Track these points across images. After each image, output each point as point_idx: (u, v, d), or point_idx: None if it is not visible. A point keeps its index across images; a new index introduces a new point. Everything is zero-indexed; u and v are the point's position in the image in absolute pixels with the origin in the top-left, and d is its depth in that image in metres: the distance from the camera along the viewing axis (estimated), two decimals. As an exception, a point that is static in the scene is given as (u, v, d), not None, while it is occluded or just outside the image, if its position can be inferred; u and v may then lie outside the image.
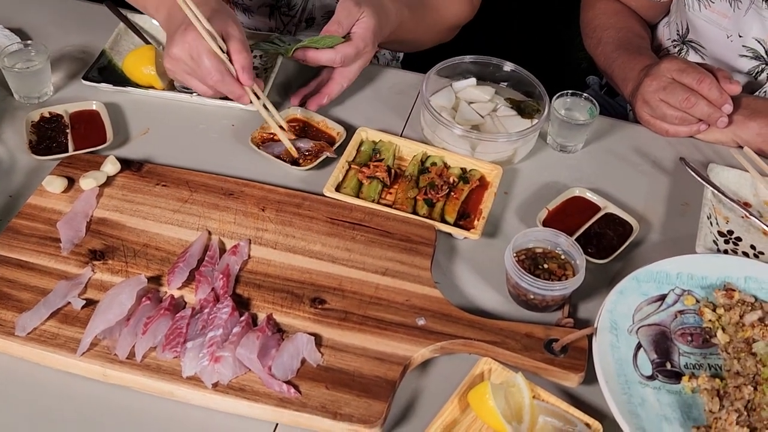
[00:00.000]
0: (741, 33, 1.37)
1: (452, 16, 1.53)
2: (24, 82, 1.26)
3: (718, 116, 1.26)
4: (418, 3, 1.44)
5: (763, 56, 1.37)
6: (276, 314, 0.99)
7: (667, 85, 1.26)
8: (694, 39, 1.46)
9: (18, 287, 0.99)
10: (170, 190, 1.13)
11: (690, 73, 1.25)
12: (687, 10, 1.44)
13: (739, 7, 1.36)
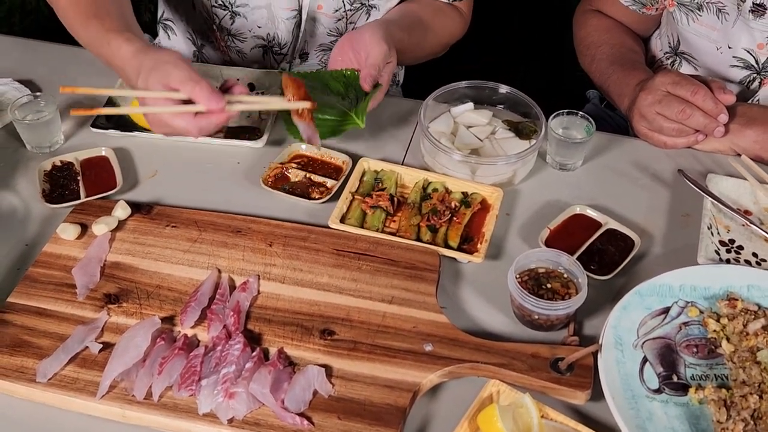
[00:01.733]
0: (730, 44, 1.39)
1: (447, 35, 1.59)
2: (35, 133, 1.30)
3: (715, 126, 1.28)
4: (416, 25, 1.48)
5: (754, 65, 1.39)
6: (287, 348, 1.02)
7: (662, 99, 1.28)
8: (685, 51, 1.48)
9: (37, 334, 1.03)
10: (180, 231, 1.17)
11: (684, 85, 1.27)
12: (677, 24, 1.46)
13: (727, 19, 1.38)
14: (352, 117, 1.28)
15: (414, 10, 1.53)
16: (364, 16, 1.57)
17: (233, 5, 1.55)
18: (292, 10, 1.53)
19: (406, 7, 1.56)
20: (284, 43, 1.59)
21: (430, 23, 1.53)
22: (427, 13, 1.54)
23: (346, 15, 1.55)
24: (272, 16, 1.55)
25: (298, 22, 1.55)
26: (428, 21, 1.52)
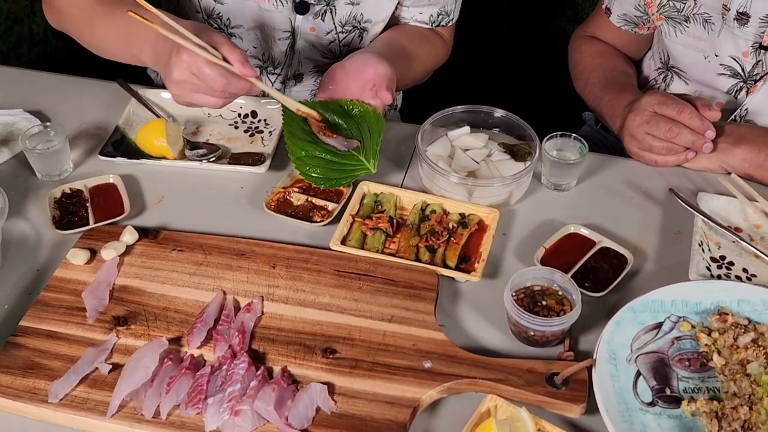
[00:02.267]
0: (717, 53, 1.44)
1: (430, 60, 1.66)
2: (45, 162, 1.34)
3: (702, 142, 1.32)
4: (401, 53, 1.54)
5: (740, 73, 1.44)
6: (290, 366, 1.05)
7: (650, 119, 1.32)
8: (675, 65, 1.54)
9: (49, 356, 1.06)
10: (186, 255, 1.20)
11: (670, 105, 1.31)
12: (665, 38, 1.51)
13: (713, 29, 1.43)
14: (363, 162, 1.31)
15: (398, 38, 1.59)
16: (357, 39, 1.62)
17: (228, 27, 1.60)
18: (285, 31, 1.58)
19: (390, 35, 1.61)
20: (278, 63, 1.63)
21: (414, 50, 1.58)
22: (411, 41, 1.59)
23: (338, 37, 1.60)
24: (266, 37, 1.60)
25: (292, 43, 1.60)
26: (412, 48, 1.58)
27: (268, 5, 1.53)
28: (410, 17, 1.64)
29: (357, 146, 1.31)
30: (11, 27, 2.57)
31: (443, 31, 1.69)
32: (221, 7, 1.57)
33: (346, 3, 1.55)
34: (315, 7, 1.54)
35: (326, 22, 1.57)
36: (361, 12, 1.57)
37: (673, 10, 1.49)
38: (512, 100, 1.69)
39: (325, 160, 1.30)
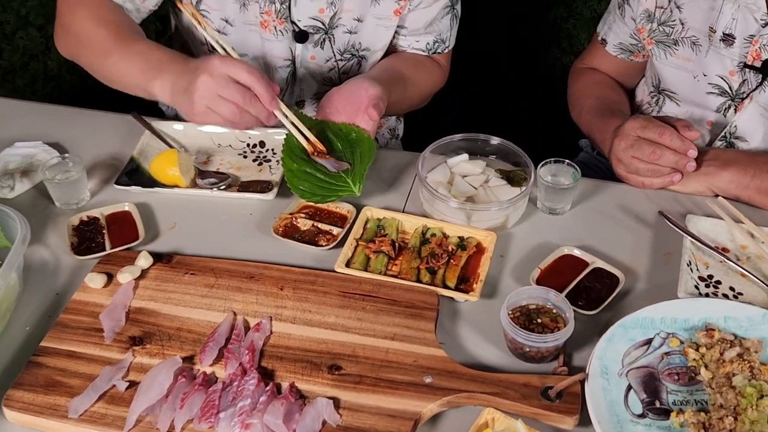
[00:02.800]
0: (705, 72, 1.51)
1: (427, 86, 1.73)
2: (63, 191, 1.41)
3: (685, 161, 1.38)
4: (398, 79, 1.61)
5: (728, 91, 1.50)
6: (298, 382, 1.10)
7: (633, 143, 1.39)
8: (666, 88, 1.61)
9: (69, 375, 1.12)
10: (198, 278, 1.26)
11: (651, 128, 1.38)
12: (656, 61, 1.59)
13: (700, 50, 1.51)
14: (348, 184, 1.38)
15: (395, 65, 1.66)
16: (355, 66, 1.69)
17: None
18: (286, 59, 1.65)
19: (388, 62, 1.69)
20: (280, 89, 1.71)
21: (411, 76, 1.65)
22: (408, 67, 1.67)
23: (337, 65, 1.68)
24: (268, 65, 1.68)
25: (293, 71, 1.67)
26: (409, 74, 1.65)
27: (269, 34, 1.61)
28: (407, 45, 1.72)
29: (347, 168, 1.37)
30: (27, 63, 2.66)
31: (440, 58, 1.76)
32: (225, 37, 1.65)
33: (344, 32, 1.63)
34: (314, 36, 1.62)
35: (325, 50, 1.64)
36: (359, 41, 1.65)
37: (663, 34, 1.56)
38: (512, 128, 1.76)
39: (314, 176, 1.38)
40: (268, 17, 1.59)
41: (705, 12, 1.49)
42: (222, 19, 1.62)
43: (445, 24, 1.71)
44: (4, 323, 1.19)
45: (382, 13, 1.63)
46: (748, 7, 1.43)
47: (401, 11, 1.64)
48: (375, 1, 1.60)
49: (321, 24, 1.61)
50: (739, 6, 1.43)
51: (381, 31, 1.67)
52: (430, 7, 1.65)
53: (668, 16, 1.54)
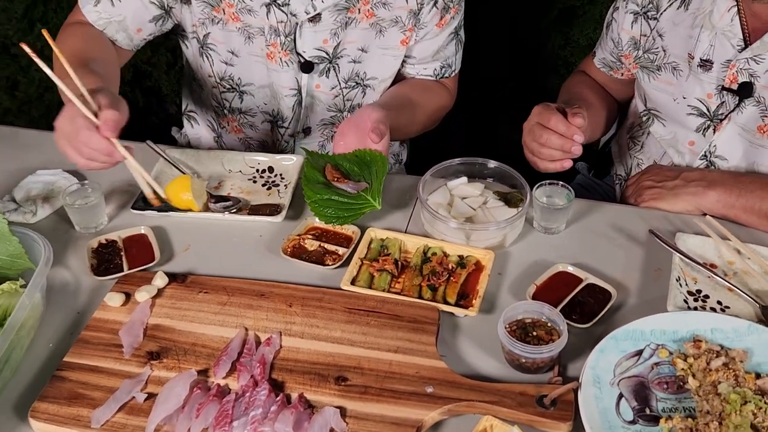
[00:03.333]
0: (685, 95, 1.59)
1: (435, 109, 1.80)
2: (83, 216, 1.48)
3: (570, 145, 1.45)
4: (407, 104, 1.69)
5: (706, 112, 1.58)
6: (306, 393, 1.17)
7: (532, 128, 1.49)
8: (653, 108, 1.69)
9: (90, 388, 1.18)
10: (211, 296, 1.33)
11: (544, 114, 1.48)
12: (642, 83, 1.68)
13: (681, 75, 1.59)
14: (369, 200, 1.45)
15: (404, 91, 1.74)
16: (360, 94, 1.77)
17: (239, 86, 1.76)
18: (292, 89, 1.73)
19: (397, 88, 1.77)
20: (286, 117, 1.79)
21: (420, 101, 1.73)
22: (416, 92, 1.75)
23: (342, 93, 1.76)
24: (275, 94, 1.76)
25: (299, 99, 1.75)
26: (417, 99, 1.73)
27: (275, 65, 1.69)
28: (416, 73, 1.81)
29: (365, 187, 1.45)
30: (42, 94, 2.75)
31: (447, 82, 1.84)
32: (232, 69, 1.73)
33: (349, 61, 1.71)
34: (319, 66, 1.70)
35: (330, 78, 1.73)
36: (364, 70, 1.73)
37: (647, 61, 1.65)
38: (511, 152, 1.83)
39: (336, 201, 1.45)
40: (274, 49, 1.67)
41: (684, 40, 1.57)
42: (228, 51, 1.71)
43: (451, 50, 1.79)
44: (29, 340, 1.26)
45: (387, 43, 1.71)
46: (725, 35, 1.51)
47: (408, 41, 1.72)
48: (379, 32, 1.69)
49: (325, 54, 1.69)
50: (716, 33, 1.52)
51: (388, 61, 1.75)
52: (437, 36, 1.74)
53: (651, 43, 1.63)
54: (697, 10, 1.56)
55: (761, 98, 1.50)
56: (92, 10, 1.64)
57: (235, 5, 1.63)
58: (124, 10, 1.63)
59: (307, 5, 1.61)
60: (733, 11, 1.50)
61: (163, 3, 1.65)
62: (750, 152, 1.56)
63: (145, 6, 1.64)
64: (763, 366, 1.19)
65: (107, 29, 1.65)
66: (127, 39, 1.68)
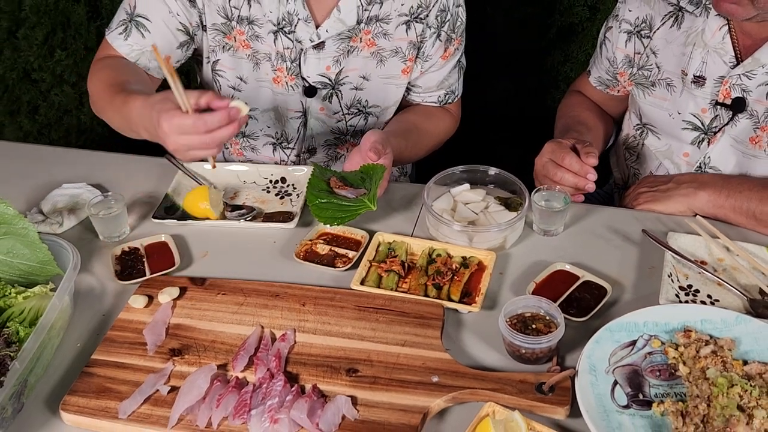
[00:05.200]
0: (679, 110, 1.67)
1: (439, 134, 1.88)
2: (106, 225, 1.57)
3: (584, 183, 1.53)
4: (411, 130, 1.77)
5: (701, 126, 1.65)
6: (319, 384, 1.24)
7: (545, 163, 1.56)
8: (648, 122, 1.76)
9: (117, 382, 1.26)
10: (229, 297, 1.41)
11: (557, 153, 1.55)
12: (637, 99, 1.75)
13: (675, 90, 1.67)
14: (365, 202, 1.53)
15: (409, 118, 1.83)
16: (362, 121, 1.85)
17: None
18: (297, 111, 1.82)
19: (402, 115, 1.86)
20: (291, 138, 1.87)
21: (424, 127, 1.82)
22: (420, 119, 1.83)
23: (344, 118, 1.84)
24: (279, 116, 1.84)
25: (304, 121, 1.84)
26: (422, 125, 1.81)
27: (282, 89, 1.78)
28: (420, 100, 1.89)
29: (364, 193, 1.53)
30: (61, 117, 2.85)
31: (450, 107, 1.93)
32: (239, 94, 1.82)
33: (351, 88, 1.80)
34: (322, 91, 1.79)
35: (333, 104, 1.81)
36: (366, 98, 1.82)
37: (642, 78, 1.72)
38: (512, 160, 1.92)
39: (335, 204, 1.53)
40: (280, 73, 1.76)
41: (677, 57, 1.65)
42: (237, 77, 1.80)
43: (454, 77, 1.88)
44: (59, 340, 1.35)
45: (388, 73, 1.80)
46: (716, 52, 1.58)
47: (409, 71, 1.80)
48: (380, 62, 1.78)
49: (328, 80, 1.78)
50: (708, 51, 1.59)
51: (390, 90, 1.83)
52: (442, 68, 1.83)
53: (645, 60, 1.71)
54: (689, 29, 1.64)
55: (754, 111, 1.58)
56: (123, 44, 1.71)
57: (246, 32, 1.72)
58: (155, 40, 1.70)
59: (312, 34, 1.70)
60: (724, 29, 1.58)
61: (188, 29, 1.73)
62: (742, 162, 1.63)
63: (173, 34, 1.72)
64: (751, 354, 1.26)
65: (140, 61, 1.72)
66: (158, 67, 1.75)
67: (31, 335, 1.23)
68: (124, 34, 1.71)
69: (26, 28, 2.60)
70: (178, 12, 1.69)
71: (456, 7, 1.78)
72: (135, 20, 1.70)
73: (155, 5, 1.69)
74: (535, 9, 2.47)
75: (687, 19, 1.63)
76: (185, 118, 1.37)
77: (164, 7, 1.68)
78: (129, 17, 1.70)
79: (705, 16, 1.60)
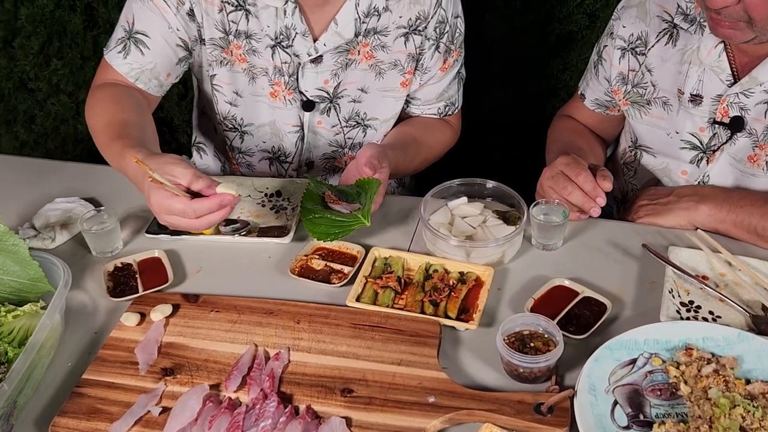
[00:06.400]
0: (677, 130, 1.64)
1: (439, 146, 1.86)
2: (99, 241, 1.55)
3: (591, 206, 1.50)
4: (411, 143, 1.75)
5: (699, 145, 1.63)
6: (313, 404, 1.22)
7: (555, 175, 1.53)
8: (642, 144, 1.73)
9: (108, 403, 1.24)
10: (222, 315, 1.39)
11: (572, 167, 1.51)
12: (632, 120, 1.72)
13: (671, 109, 1.64)
14: (359, 218, 1.51)
15: (408, 130, 1.81)
16: (361, 134, 1.84)
17: (241, 126, 1.83)
18: (295, 126, 1.80)
19: (401, 128, 1.84)
20: (289, 153, 1.85)
21: (423, 139, 1.80)
22: (419, 131, 1.81)
23: (343, 131, 1.82)
24: (276, 131, 1.83)
25: (302, 135, 1.82)
26: (421, 137, 1.79)
27: (279, 103, 1.76)
28: (420, 112, 1.87)
29: (358, 208, 1.51)
30: (58, 127, 2.83)
31: (450, 119, 1.91)
32: (236, 109, 1.80)
33: (349, 101, 1.78)
34: (320, 105, 1.77)
35: (331, 117, 1.80)
36: (364, 110, 1.80)
37: (637, 95, 1.70)
38: (510, 172, 1.89)
39: (329, 219, 1.50)
40: (278, 88, 1.74)
41: (673, 75, 1.62)
42: (234, 92, 1.78)
43: (454, 89, 1.86)
44: (49, 359, 1.32)
45: (387, 85, 1.78)
46: (713, 70, 1.56)
47: (408, 84, 1.79)
48: (379, 74, 1.76)
49: (326, 94, 1.76)
50: (705, 69, 1.57)
51: (389, 102, 1.81)
52: (441, 80, 1.81)
53: (640, 78, 1.68)
54: (684, 47, 1.60)
55: (753, 130, 1.55)
56: (123, 63, 1.67)
57: (243, 47, 1.70)
58: (154, 57, 1.67)
59: (309, 48, 1.68)
60: (720, 47, 1.55)
61: (187, 44, 1.70)
62: (741, 180, 1.60)
63: (173, 50, 1.69)
64: (753, 372, 1.24)
65: (139, 80, 1.68)
66: (157, 86, 1.72)
67: (21, 356, 1.21)
68: (123, 52, 1.67)
69: (22, 37, 2.59)
70: (177, 27, 1.67)
71: (455, 18, 1.76)
72: (134, 37, 1.67)
73: (154, 21, 1.66)
74: (535, 17, 2.45)
75: (682, 37, 1.61)
76: (175, 201, 1.36)
77: (163, 22, 1.66)
78: (127, 34, 1.67)
79: (700, 33, 1.57)
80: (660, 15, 1.64)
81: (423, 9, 1.70)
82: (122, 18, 1.69)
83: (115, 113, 1.62)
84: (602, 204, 1.49)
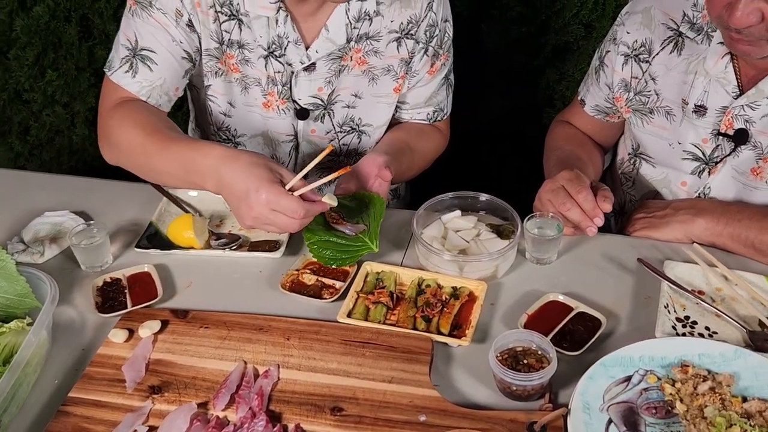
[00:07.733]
0: (680, 140, 1.62)
1: (430, 151, 1.86)
2: (89, 255, 1.53)
3: (587, 225, 1.47)
4: (404, 150, 1.74)
5: (702, 157, 1.60)
6: (303, 423, 1.20)
7: (556, 189, 1.50)
8: (643, 152, 1.71)
9: (94, 422, 1.22)
10: (211, 331, 1.37)
11: (574, 184, 1.49)
12: (634, 129, 1.70)
13: (675, 119, 1.61)
14: (367, 243, 1.49)
15: (400, 136, 1.79)
16: (355, 139, 1.82)
17: (235, 137, 1.82)
18: (288, 135, 1.79)
19: (393, 134, 1.82)
20: (282, 162, 1.84)
21: (415, 145, 1.79)
22: (411, 137, 1.80)
23: (337, 137, 1.81)
24: (269, 141, 1.81)
25: (295, 144, 1.80)
26: (414, 144, 1.78)
27: (272, 113, 1.75)
28: (409, 117, 1.86)
29: (363, 230, 1.49)
30: (53, 138, 2.82)
31: (440, 125, 1.90)
32: (229, 120, 1.79)
33: (343, 107, 1.77)
34: (314, 113, 1.76)
35: (325, 123, 1.78)
36: (359, 116, 1.79)
37: (639, 103, 1.68)
38: (504, 185, 1.88)
39: (335, 243, 1.48)
40: (271, 98, 1.73)
41: (678, 85, 1.60)
42: (227, 102, 1.76)
43: (442, 94, 1.85)
44: (35, 376, 1.30)
45: (380, 91, 1.77)
46: (719, 81, 1.54)
47: (400, 89, 1.77)
48: (372, 80, 1.74)
49: (320, 101, 1.75)
50: (711, 80, 1.55)
51: (382, 108, 1.80)
52: (429, 83, 1.80)
53: (643, 86, 1.66)
54: (690, 56, 1.58)
55: (757, 143, 1.53)
56: (132, 82, 1.64)
57: (236, 56, 1.69)
58: (162, 73, 1.64)
59: (302, 56, 1.66)
60: (726, 58, 1.52)
61: (191, 55, 1.68)
62: (742, 193, 1.59)
63: (179, 63, 1.66)
64: (750, 390, 1.22)
65: (151, 97, 1.65)
66: (167, 101, 1.69)
67: (5, 374, 1.19)
68: (131, 71, 1.64)
69: (17, 48, 2.58)
70: (180, 39, 1.64)
71: (444, 22, 1.75)
72: (140, 55, 1.63)
73: (158, 35, 1.63)
74: (530, 27, 2.44)
75: (688, 46, 1.59)
76: (291, 200, 1.40)
77: (167, 36, 1.63)
78: (132, 53, 1.64)
79: (707, 43, 1.55)
80: (665, 23, 1.62)
81: (414, 12, 1.69)
82: (121, 36, 1.65)
83: (156, 122, 1.60)
84: (599, 224, 1.47)
